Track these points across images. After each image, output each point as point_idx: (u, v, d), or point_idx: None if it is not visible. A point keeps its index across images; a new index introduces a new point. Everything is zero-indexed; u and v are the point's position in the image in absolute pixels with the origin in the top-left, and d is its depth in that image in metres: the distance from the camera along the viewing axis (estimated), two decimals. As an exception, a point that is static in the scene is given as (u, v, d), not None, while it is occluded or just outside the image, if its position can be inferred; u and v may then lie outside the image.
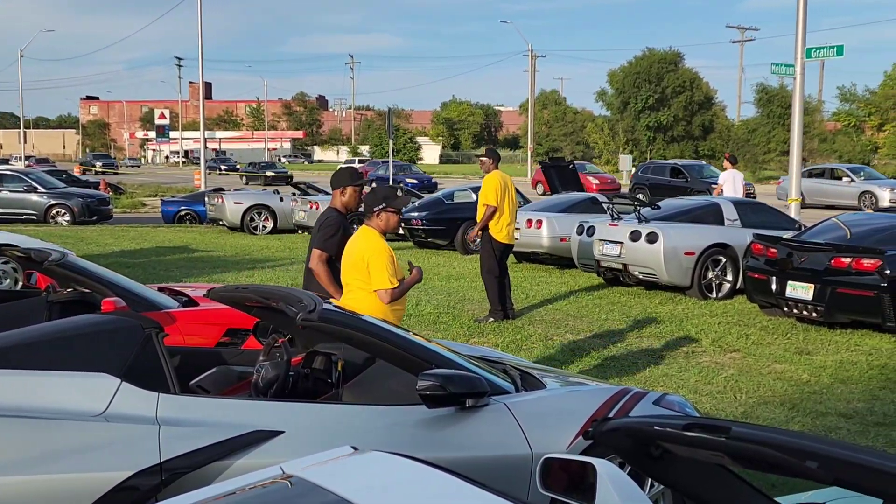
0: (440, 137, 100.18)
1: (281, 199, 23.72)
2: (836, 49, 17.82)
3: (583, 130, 76.23)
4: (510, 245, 11.24)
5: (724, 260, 12.60)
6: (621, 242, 12.87)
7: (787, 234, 11.74)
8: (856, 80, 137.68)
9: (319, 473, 2.22)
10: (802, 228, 12.53)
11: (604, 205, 14.76)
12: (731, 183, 17.44)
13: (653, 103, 64.41)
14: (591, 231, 13.55)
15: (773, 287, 10.71)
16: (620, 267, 13.00)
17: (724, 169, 18.23)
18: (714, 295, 12.54)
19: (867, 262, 9.94)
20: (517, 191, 11.86)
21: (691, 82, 65.18)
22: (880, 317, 9.89)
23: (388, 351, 4.23)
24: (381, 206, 6.06)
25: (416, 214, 18.80)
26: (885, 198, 30.50)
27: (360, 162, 63.86)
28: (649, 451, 2.27)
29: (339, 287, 6.27)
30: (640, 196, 23.02)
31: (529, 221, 15.48)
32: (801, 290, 10.41)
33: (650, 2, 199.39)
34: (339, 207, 6.77)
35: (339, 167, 8.78)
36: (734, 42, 75.30)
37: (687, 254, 12.42)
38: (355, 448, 2.57)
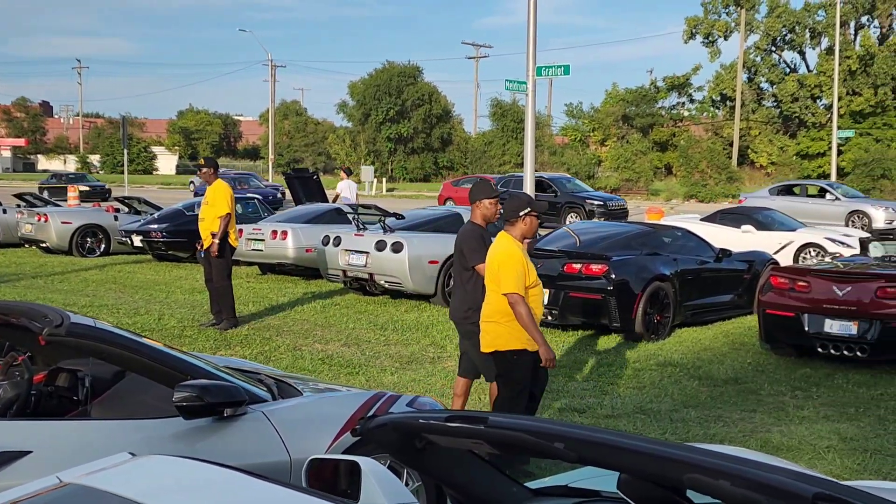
0: (177, 147, 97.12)
1: (116, 219, 20.35)
2: (563, 68, 18.97)
3: (324, 141, 76.47)
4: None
5: (465, 268, 13.05)
6: (367, 252, 13.07)
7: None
8: (581, 97, 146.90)
9: (99, 479, 2.16)
10: (537, 237, 13.23)
11: (349, 215, 14.92)
12: (347, 191, 20.54)
13: (393, 115, 65.73)
14: (336, 241, 13.66)
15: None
16: (367, 276, 13.19)
17: (342, 179, 21.06)
18: (456, 302, 12.97)
19: (595, 268, 10.67)
20: None
21: (430, 96, 67.09)
22: (608, 318, 10.64)
23: (141, 364, 4.12)
24: (526, 211, 6.13)
25: (155, 227, 18.18)
26: (879, 218, 26.49)
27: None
28: (414, 443, 2.38)
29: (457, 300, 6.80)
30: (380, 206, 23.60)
31: (274, 232, 15.39)
32: (536, 295, 10.99)
33: (390, 16, 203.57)
34: (479, 221, 6.88)
35: (476, 181, 8.48)
36: (470, 58, 78.27)
37: (431, 262, 12.80)
38: (133, 454, 2.52)
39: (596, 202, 29.25)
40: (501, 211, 6.64)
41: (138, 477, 2.23)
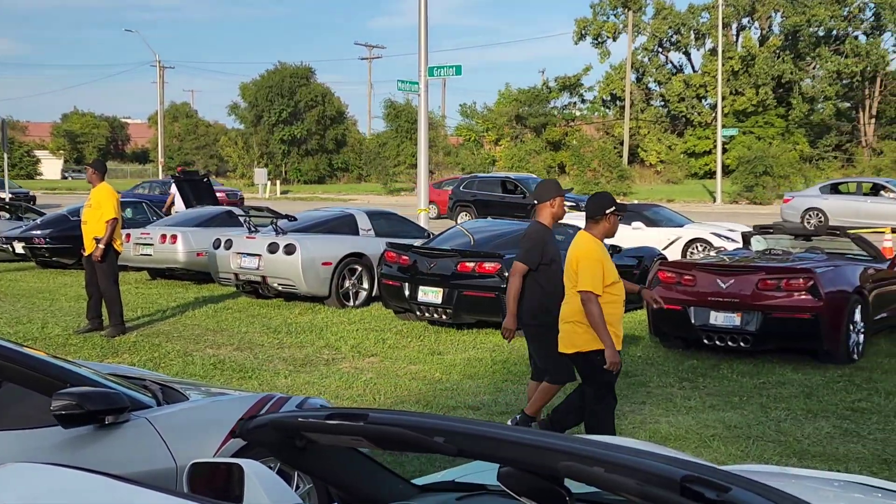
0: (62, 151, 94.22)
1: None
2: (454, 68, 19.07)
3: (216, 144, 75.27)
4: None
5: (360, 269, 13.03)
6: (259, 255, 12.90)
7: (418, 242, 12.39)
8: (475, 97, 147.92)
9: None
10: (431, 236, 13.28)
11: (240, 218, 14.70)
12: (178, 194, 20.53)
13: (286, 117, 65.15)
14: (228, 244, 13.43)
15: (406, 293, 11.25)
16: (259, 279, 13.02)
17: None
18: (352, 303, 12.93)
19: (489, 266, 10.75)
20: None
21: (323, 97, 66.74)
22: (501, 316, 10.69)
23: (15, 371, 3.96)
24: (611, 210, 6.02)
25: (38, 233, 17.59)
26: None
27: None
28: (294, 443, 2.35)
29: (518, 304, 6.64)
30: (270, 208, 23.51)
31: (164, 236, 15.05)
32: (431, 295, 11.03)
33: (281, 17, 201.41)
34: (547, 220, 6.79)
35: (542, 180, 8.16)
36: (363, 59, 78.17)
37: (324, 264, 12.71)
38: None
39: (567, 203, 28.85)
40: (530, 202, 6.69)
41: (2, 487, 2.14)
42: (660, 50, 64.98)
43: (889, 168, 42.36)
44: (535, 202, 6.92)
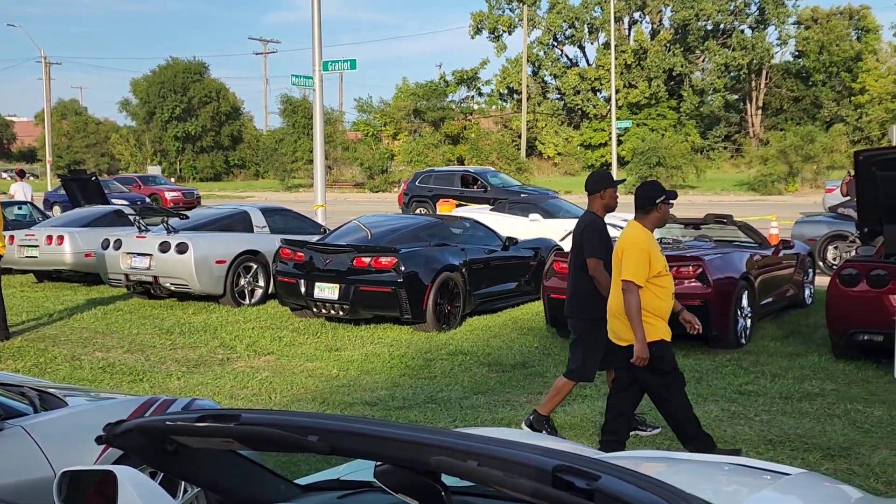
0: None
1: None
2: (349, 63, 18.95)
3: (107, 142, 73.27)
4: None
5: (255, 266, 12.83)
6: (150, 255, 12.58)
7: (313, 238, 12.25)
8: (372, 92, 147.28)
9: None
10: (327, 232, 13.15)
11: (130, 217, 14.33)
12: (21, 193, 22.00)
13: (180, 113, 63.85)
14: (117, 244, 13.06)
15: (303, 289, 11.11)
16: (151, 279, 12.69)
17: (15, 181, 22.99)
18: (247, 301, 12.72)
19: (385, 261, 10.69)
20: None
21: (218, 93, 65.63)
22: (398, 310, 10.69)
23: None
24: (661, 199, 5.91)
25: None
26: None
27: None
28: (164, 447, 2.26)
29: (573, 296, 6.67)
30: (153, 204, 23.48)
31: (50, 238, 14.56)
32: (327, 291, 10.92)
33: (172, 11, 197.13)
34: (598, 210, 6.71)
35: (593, 171, 7.71)
36: (258, 54, 77.31)
37: (218, 262, 12.47)
38: None
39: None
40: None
41: None
42: (555, 44, 65.79)
43: (775, 158, 43.69)
44: (587, 193, 6.77)
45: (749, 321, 9.94)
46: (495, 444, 1.79)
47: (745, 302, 9.87)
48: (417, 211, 28.39)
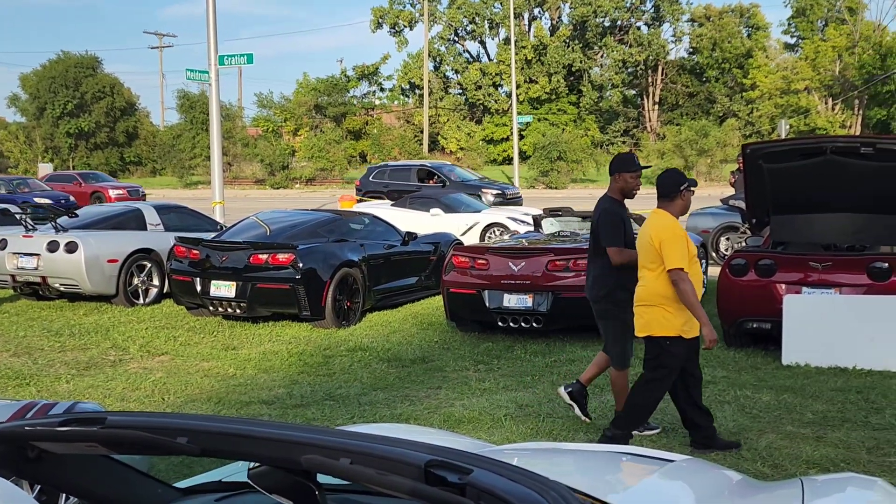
0: None
1: None
2: (246, 57, 18.67)
3: (-4, 138, 70.66)
4: None
5: (149, 265, 12.51)
6: (38, 254, 12.15)
7: (209, 236, 12.01)
8: (273, 87, 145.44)
9: None
10: (224, 229, 12.91)
11: (17, 216, 13.82)
12: None
13: (72, 109, 61.95)
14: (3, 244, 12.57)
15: (198, 288, 10.88)
16: (39, 280, 12.25)
17: None
18: (141, 301, 12.40)
19: (282, 257, 10.54)
20: None
21: (112, 88, 63.83)
22: (297, 307, 10.56)
23: None
24: (685, 185, 5.90)
25: None
26: None
27: None
28: (25, 454, 2.16)
29: (594, 280, 6.54)
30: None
31: (-69, 238, 13.94)
32: (224, 289, 10.72)
33: (63, 4, 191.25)
34: (616, 195, 6.57)
35: (617, 154, 7.24)
36: (153, 48, 75.37)
37: (110, 261, 12.12)
38: None
39: (493, 191, 27.23)
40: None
41: None
42: (456, 39, 66.02)
43: (671, 152, 44.71)
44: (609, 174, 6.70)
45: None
46: (368, 441, 1.75)
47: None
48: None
